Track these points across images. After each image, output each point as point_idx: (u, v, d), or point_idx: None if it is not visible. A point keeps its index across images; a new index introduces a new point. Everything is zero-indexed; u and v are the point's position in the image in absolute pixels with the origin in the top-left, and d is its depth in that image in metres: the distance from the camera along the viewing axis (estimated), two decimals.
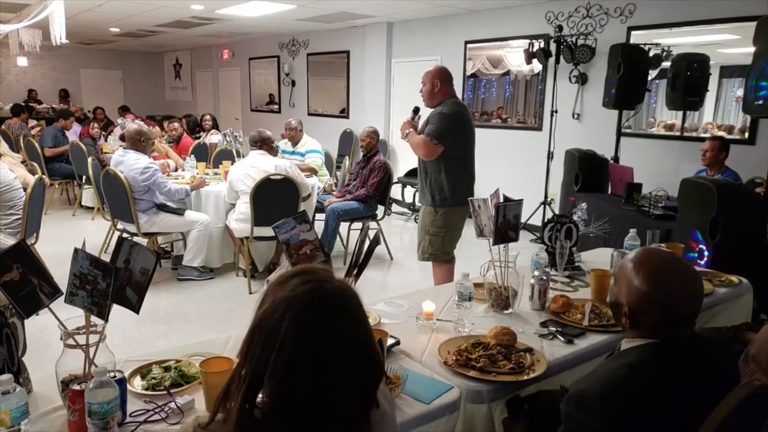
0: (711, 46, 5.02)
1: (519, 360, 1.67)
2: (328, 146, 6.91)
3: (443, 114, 3.28)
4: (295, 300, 0.93)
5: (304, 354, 0.90)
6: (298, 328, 0.91)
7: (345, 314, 0.95)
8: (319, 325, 0.92)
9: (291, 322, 0.91)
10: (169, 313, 3.98)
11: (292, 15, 7.70)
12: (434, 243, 3.42)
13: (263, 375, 0.91)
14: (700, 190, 3.33)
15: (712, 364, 1.29)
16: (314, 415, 0.91)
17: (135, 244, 1.38)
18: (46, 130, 7.80)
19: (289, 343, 0.90)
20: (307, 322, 0.92)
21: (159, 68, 14.51)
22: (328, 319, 0.93)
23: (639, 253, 1.37)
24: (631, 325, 1.33)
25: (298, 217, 1.77)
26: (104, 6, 7.20)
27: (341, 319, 0.95)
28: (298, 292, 0.94)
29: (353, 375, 0.93)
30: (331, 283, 0.97)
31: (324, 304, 0.94)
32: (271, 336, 0.91)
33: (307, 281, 0.95)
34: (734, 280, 2.54)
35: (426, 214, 3.45)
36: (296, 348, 0.90)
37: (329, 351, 0.92)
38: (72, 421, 1.27)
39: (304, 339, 0.91)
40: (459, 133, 3.32)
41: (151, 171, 4.36)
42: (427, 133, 3.27)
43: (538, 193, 6.12)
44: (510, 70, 6.77)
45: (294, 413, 0.91)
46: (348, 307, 0.97)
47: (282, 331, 0.90)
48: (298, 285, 0.95)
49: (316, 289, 0.95)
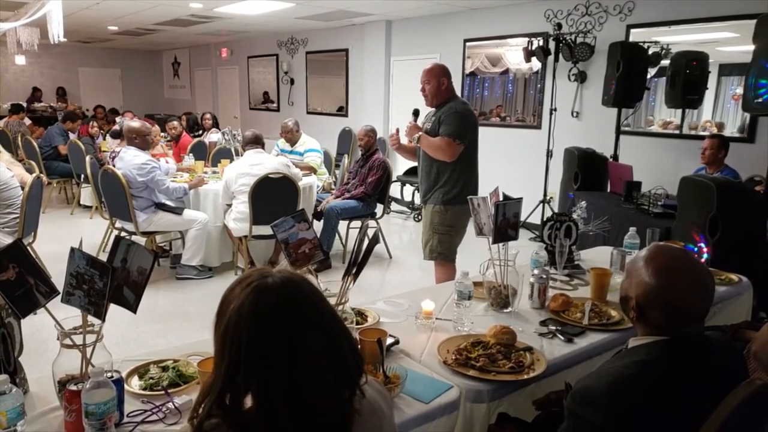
0: (710, 44, 5.02)
1: (519, 359, 1.67)
2: (327, 145, 6.90)
3: (458, 113, 3.21)
4: (243, 305, 0.96)
5: (271, 351, 0.93)
6: (255, 331, 0.94)
7: (295, 299, 0.98)
8: (273, 318, 0.95)
9: (247, 328, 0.94)
10: (167, 313, 3.97)
11: (291, 13, 7.69)
12: (444, 242, 3.36)
13: (242, 383, 0.93)
14: (699, 188, 3.32)
15: (721, 364, 1.29)
16: (300, 403, 0.93)
17: (132, 243, 1.37)
18: (52, 129, 7.76)
19: (253, 346, 0.93)
20: (260, 321, 0.95)
21: (157, 67, 14.49)
22: (279, 311, 0.96)
23: (651, 249, 1.36)
24: (638, 319, 1.32)
25: (296, 215, 1.77)
26: (102, 4, 7.18)
27: (293, 304, 0.98)
28: (242, 298, 0.97)
29: (326, 352, 0.97)
30: (271, 277, 1.00)
31: (270, 298, 0.96)
32: (234, 346, 0.94)
33: (247, 285, 0.99)
34: (734, 278, 2.54)
35: (434, 213, 3.36)
36: (261, 348, 0.93)
37: (293, 338, 0.94)
38: (69, 422, 1.27)
39: (264, 337, 0.94)
40: (472, 133, 3.29)
41: (149, 168, 4.33)
42: (446, 134, 3.18)
43: (537, 192, 6.11)
44: (509, 68, 6.76)
45: (281, 404, 0.93)
46: (295, 293, 0.99)
47: (243, 339, 0.94)
48: (241, 291, 0.98)
49: (257, 288, 0.97)
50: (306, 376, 0.94)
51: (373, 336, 1.61)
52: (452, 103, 3.28)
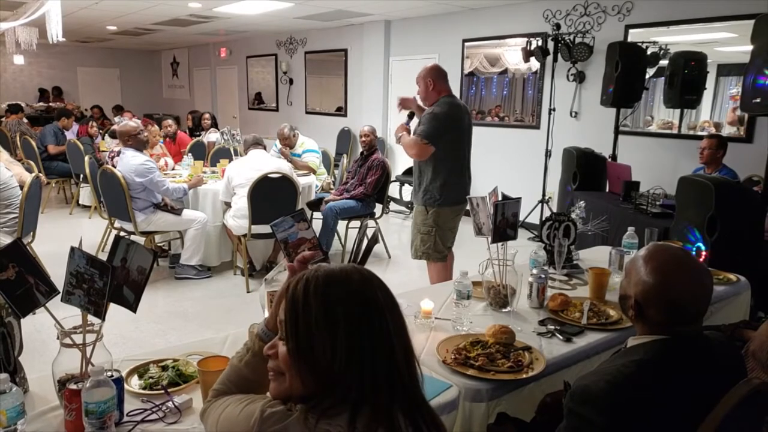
0: (708, 44, 5.03)
1: (518, 358, 1.67)
2: (326, 145, 6.90)
3: (434, 114, 3.28)
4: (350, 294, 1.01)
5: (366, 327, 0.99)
6: (351, 317, 0.98)
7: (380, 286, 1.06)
8: (364, 302, 1.01)
9: (344, 313, 0.98)
10: (166, 312, 3.97)
11: (290, 13, 7.69)
12: (426, 242, 3.45)
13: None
14: (697, 188, 3.33)
15: (719, 363, 1.29)
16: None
17: (132, 243, 1.37)
18: (46, 128, 7.76)
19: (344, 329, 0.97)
20: (355, 310, 0.99)
21: (156, 66, 14.47)
22: (362, 291, 1.02)
23: (649, 248, 1.37)
24: (636, 318, 1.33)
25: (296, 215, 1.76)
26: (101, 4, 7.17)
27: (372, 283, 1.05)
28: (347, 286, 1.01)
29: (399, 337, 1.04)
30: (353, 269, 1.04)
31: (359, 282, 1.03)
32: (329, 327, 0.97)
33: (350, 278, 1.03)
34: (732, 278, 2.54)
35: (417, 213, 3.49)
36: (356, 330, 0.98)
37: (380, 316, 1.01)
38: (69, 421, 1.27)
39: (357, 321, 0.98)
40: (450, 133, 3.31)
41: (146, 168, 4.32)
42: (417, 133, 3.29)
43: (536, 192, 6.12)
44: (508, 68, 6.76)
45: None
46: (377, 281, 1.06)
47: (339, 321, 0.97)
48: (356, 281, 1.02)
49: (363, 278, 1.03)
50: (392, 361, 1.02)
51: None
52: (437, 104, 3.33)
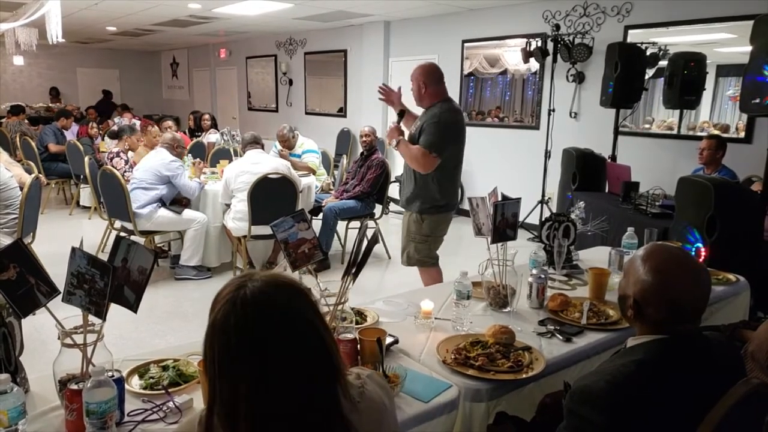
0: (708, 45, 5.03)
1: (517, 358, 1.67)
2: (326, 145, 6.90)
3: (439, 124, 3.10)
4: (215, 321, 0.94)
5: (239, 368, 0.91)
6: (223, 347, 0.92)
7: (264, 316, 0.93)
8: (241, 335, 0.92)
9: (218, 344, 0.93)
10: (166, 313, 3.97)
11: (290, 14, 7.69)
12: (421, 250, 3.32)
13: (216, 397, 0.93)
14: (697, 188, 3.33)
15: (719, 363, 1.29)
16: (263, 419, 0.91)
17: (133, 243, 1.37)
18: (46, 128, 7.76)
19: (223, 364, 0.92)
20: (229, 339, 0.92)
21: (156, 67, 14.47)
22: (247, 327, 0.92)
23: (648, 247, 1.38)
24: (635, 317, 1.33)
25: (296, 215, 1.77)
26: (101, 5, 7.18)
27: (263, 320, 0.93)
28: (215, 312, 0.94)
29: (298, 365, 0.93)
30: (246, 288, 0.94)
31: (239, 313, 0.92)
32: (208, 360, 0.95)
33: (224, 296, 0.95)
34: (731, 278, 2.55)
35: (412, 222, 3.31)
36: (230, 366, 0.92)
37: (262, 356, 0.91)
38: (70, 421, 1.27)
39: (232, 356, 0.92)
40: (454, 143, 3.19)
41: (178, 165, 4.59)
42: (424, 144, 3.10)
43: (536, 192, 6.12)
44: (507, 69, 6.77)
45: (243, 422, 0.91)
46: (268, 305, 0.94)
47: (216, 355, 0.93)
48: (218, 304, 0.95)
49: (229, 301, 0.94)
50: (276, 391, 0.91)
51: (372, 335, 1.62)
52: (437, 109, 3.14)
